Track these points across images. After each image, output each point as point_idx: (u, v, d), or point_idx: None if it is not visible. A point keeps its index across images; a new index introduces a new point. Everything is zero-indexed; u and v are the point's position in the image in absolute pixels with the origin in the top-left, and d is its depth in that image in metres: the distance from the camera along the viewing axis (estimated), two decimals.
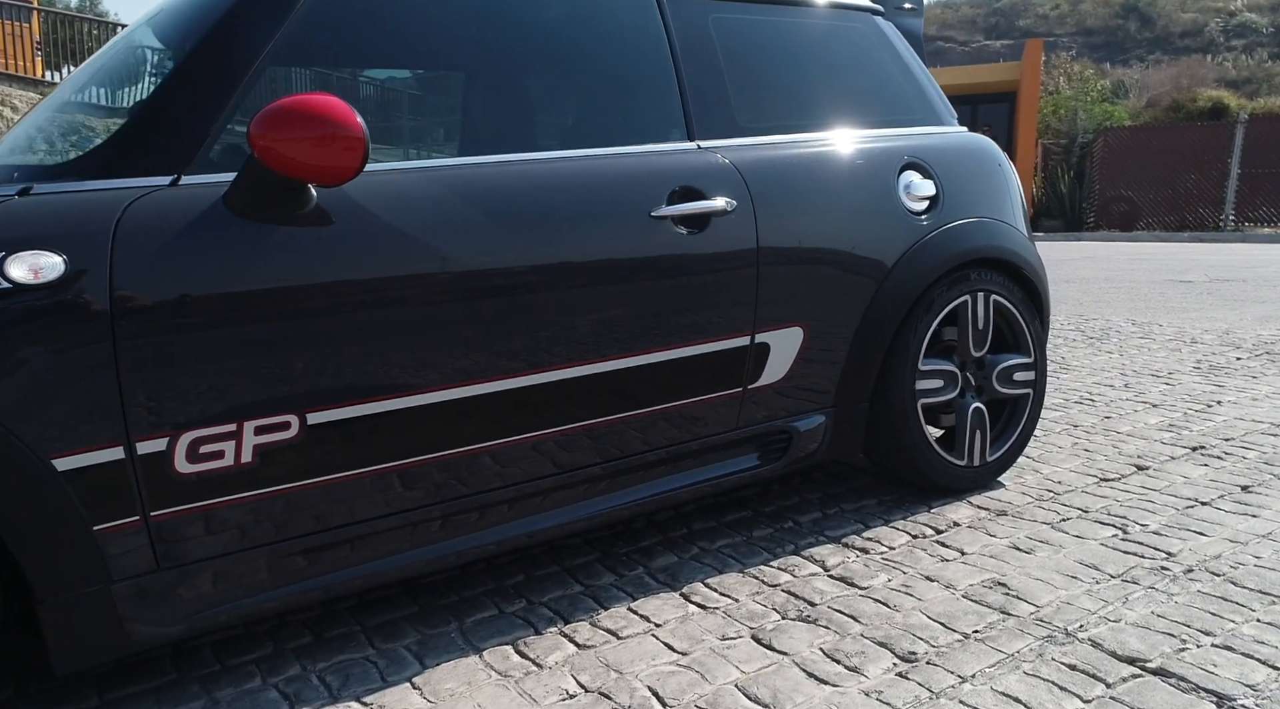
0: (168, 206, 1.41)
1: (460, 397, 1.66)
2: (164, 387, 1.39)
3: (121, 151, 1.45)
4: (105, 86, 1.81)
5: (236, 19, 1.56)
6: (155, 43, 1.79)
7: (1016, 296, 2.44)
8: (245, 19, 1.56)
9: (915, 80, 2.47)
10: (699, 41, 2.07)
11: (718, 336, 1.96)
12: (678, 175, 1.91)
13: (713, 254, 1.92)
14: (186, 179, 1.46)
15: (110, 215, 1.37)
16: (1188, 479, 2.48)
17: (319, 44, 1.65)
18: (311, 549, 1.58)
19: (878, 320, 2.19)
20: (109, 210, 1.37)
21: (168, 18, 1.78)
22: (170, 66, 1.59)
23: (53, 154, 1.63)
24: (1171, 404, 3.30)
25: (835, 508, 2.35)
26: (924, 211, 2.27)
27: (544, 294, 1.71)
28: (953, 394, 2.35)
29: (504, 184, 1.71)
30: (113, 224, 1.36)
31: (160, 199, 1.42)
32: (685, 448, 1.99)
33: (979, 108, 19.57)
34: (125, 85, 1.78)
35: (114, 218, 1.37)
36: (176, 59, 1.58)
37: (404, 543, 1.67)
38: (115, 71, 1.84)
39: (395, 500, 1.64)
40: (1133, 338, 4.71)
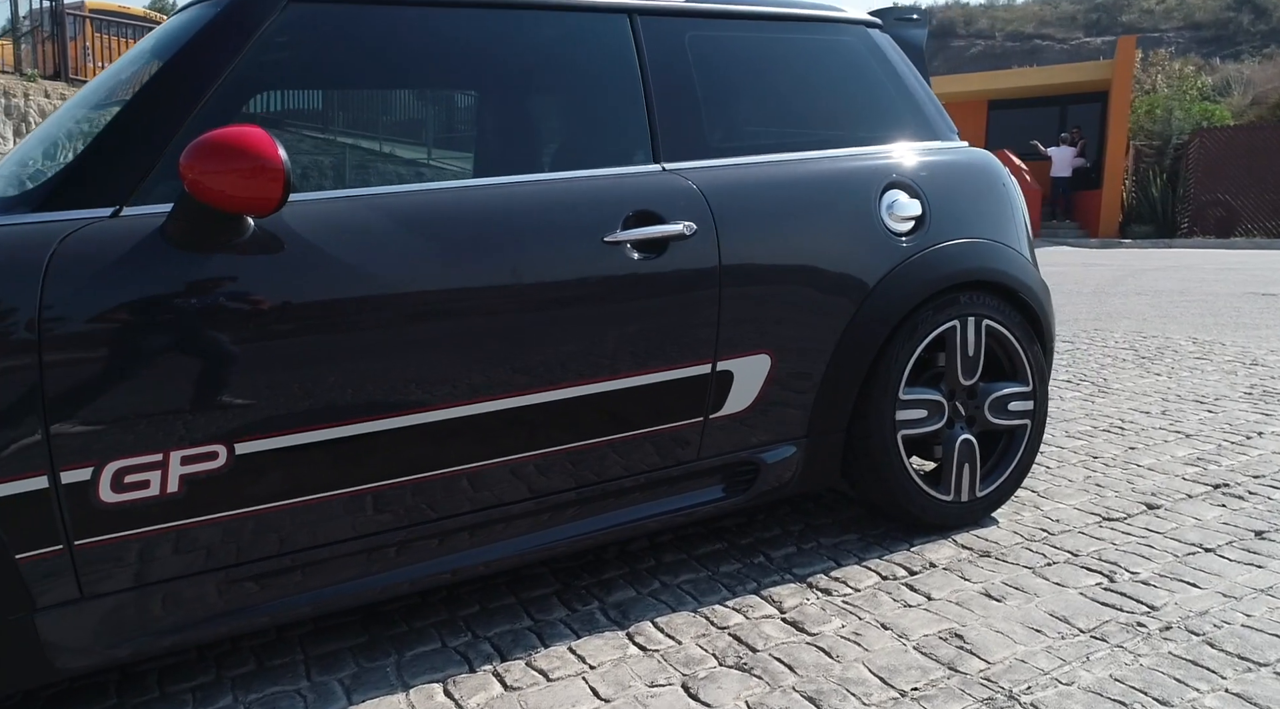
0: (105, 238, 1.45)
1: (400, 426, 1.66)
2: (89, 416, 1.42)
3: (65, 185, 1.50)
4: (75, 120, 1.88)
5: (186, 56, 1.60)
6: (125, 75, 1.86)
7: (1013, 322, 2.32)
8: (195, 56, 1.60)
9: (909, 95, 2.37)
10: (672, 62, 2.03)
11: (674, 364, 1.91)
12: (635, 199, 1.87)
13: (670, 279, 1.88)
14: (128, 211, 1.50)
15: (44, 248, 1.41)
16: (1199, 521, 2.32)
17: (272, 76, 1.69)
18: (248, 577, 1.60)
19: (854, 347, 2.11)
20: (43, 243, 1.41)
21: (135, 52, 1.85)
22: (123, 100, 1.64)
23: (10, 186, 1.70)
24: (1206, 435, 3.09)
25: (813, 542, 2.28)
26: (908, 232, 2.18)
27: (488, 321, 1.70)
28: (938, 425, 2.25)
29: (448, 210, 1.70)
30: (46, 256, 1.40)
31: (98, 231, 1.46)
32: (642, 479, 1.95)
33: (1068, 109, 18.87)
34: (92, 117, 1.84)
35: (48, 251, 1.41)
36: (129, 93, 1.63)
37: (356, 569, 1.68)
38: (90, 102, 1.91)
39: (335, 528, 1.65)
40: (1188, 358, 4.45)
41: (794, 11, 2.24)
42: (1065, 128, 18.19)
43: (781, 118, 2.19)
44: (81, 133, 1.78)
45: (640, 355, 1.86)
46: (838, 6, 2.34)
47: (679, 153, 1.99)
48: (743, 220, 1.97)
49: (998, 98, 19.48)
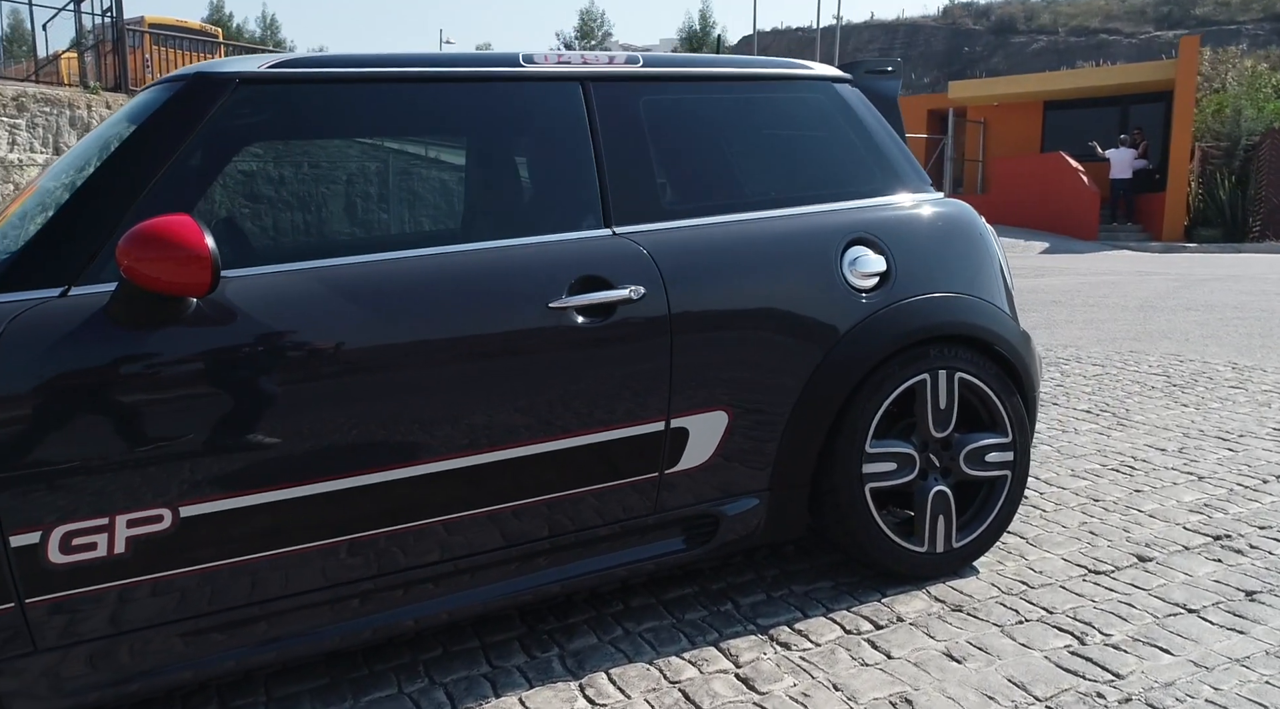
0: (52, 317, 1.52)
1: (351, 486, 1.70)
2: (37, 484, 1.49)
3: (17, 267, 1.57)
4: (42, 195, 1.96)
5: (135, 140, 1.68)
6: (90, 151, 1.93)
7: (989, 374, 2.27)
8: (144, 140, 1.67)
9: (877, 149, 2.34)
10: (626, 127, 2.04)
11: (626, 423, 1.92)
12: (582, 264, 1.89)
13: (618, 342, 1.89)
14: (76, 291, 1.57)
15: None
16: (1189, 578, 2.24)
17: (225, 155, 1.74)
18: (211, 627, 1.65)
19: (815, 402, 2.09)
20: None
21: (105, 126, 1.92)
22: (75, 182, 1.72)
23: None
24: (1220, 478, 2.98)
25: (784, 589, 2.26)
26: (872, 289, 2.15)
27: (432, 386, 1.74)
28: (909, 477, 2.22)
29: (392, 282, 1.74)
30: None
31: (46, 310, 1.53)
32: (596, 533, 1.96)
33: (1130, 109, 18.30)
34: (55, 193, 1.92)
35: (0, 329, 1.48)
36: (84, 174, 1.71)
37: (320, 619, 1.73)
38: (60, 175, 1.99)
39: (296, 580, 1.70)
40: (1222, 387, 4.29)
41: (754, 71, 2.23)
42: (1126, 129, 17.63)
43: (741, 177, 2.18)
44: (41, 210, 1.86)
45: (591, 415, 1.88)
46: (803, 63, 2.33)
47: (631, 217, 2.00)
48: (694, 282, 1.97)
49: (1054, 99, 18.96)
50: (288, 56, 1.82)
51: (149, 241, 1.45)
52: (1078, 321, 6.40)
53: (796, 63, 2.34)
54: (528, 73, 1.99)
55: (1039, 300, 7.73)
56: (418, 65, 1.90)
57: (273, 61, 1.80)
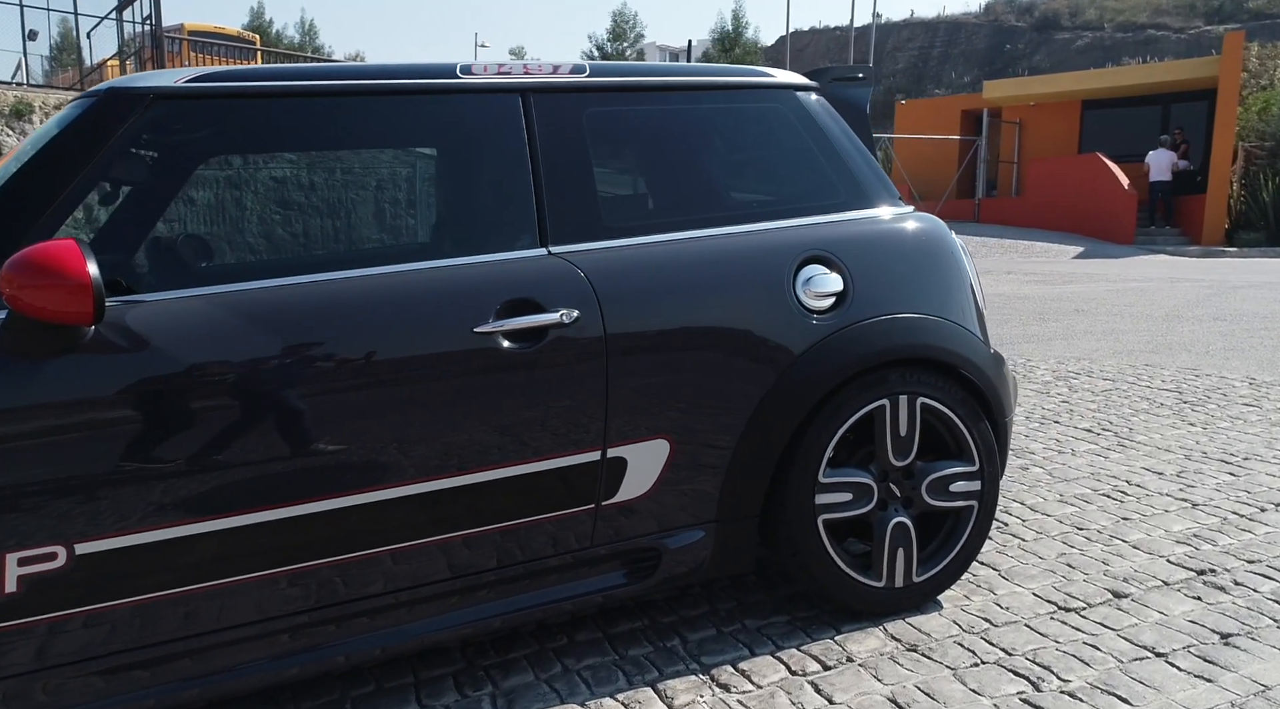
0: None
1: (261, 521, 1.66)
2: None
3: None
4: None
5: (44, 157, 1.64)
6: None
7: (954, 399, 2.17)
8: (52, 157, 1.64)
9: (840, 161, 2.24)
10: (567, 140, 1.98)
11: (559, 453, 1.86)
12: (512, 287, 1.83)
13: (549, 369, 1.83)
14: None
15: None
16: (1163, 617, 2.13)
17: (136, 172, 1.71)
18: (131, 665, 1.61)
19: (765, 430, 2.01)
20: None
21: (29, 141, 1.90)
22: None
23: None
24: (1216, 505, 2.84)
25: (737, 625, 2.18)
26: (828, 309, 2.06)
27: (346, 416, 1.69)
28: (865, 508, 2.13)
29: (308, 307, 1.70)
30: None
31: None
32: (530, 567, 1.90)
33: (1171, 108, 17.85)
34: None
35: None
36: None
37: (247, 655, 1.69)
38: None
39: (216, 616, 1.66)
40: (1236, 404, 4.11)
41: (709, 81, 2.15)
42: (1168, 129, 17.18)
43: (691, 193, 2.11)
44: None
45: (520, 445, 1.82)
46: (764, 71, 2.24)
47: (570, 235, 1.93)
48: (632, 304, 1.90)
49: (1093, 98, 18.54)
50: (209, 70, 1.77)
51: (28, 269, 1.41)
52: (1097, 332, 6.21)
53: (756, 71, 2.26)
54: (463, 84, 1.93)
55: (1062, 309, 7.53)
56: (345, 78, 1.85)
57: (191, 75, 1.75)
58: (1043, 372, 4.90)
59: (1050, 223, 17.18)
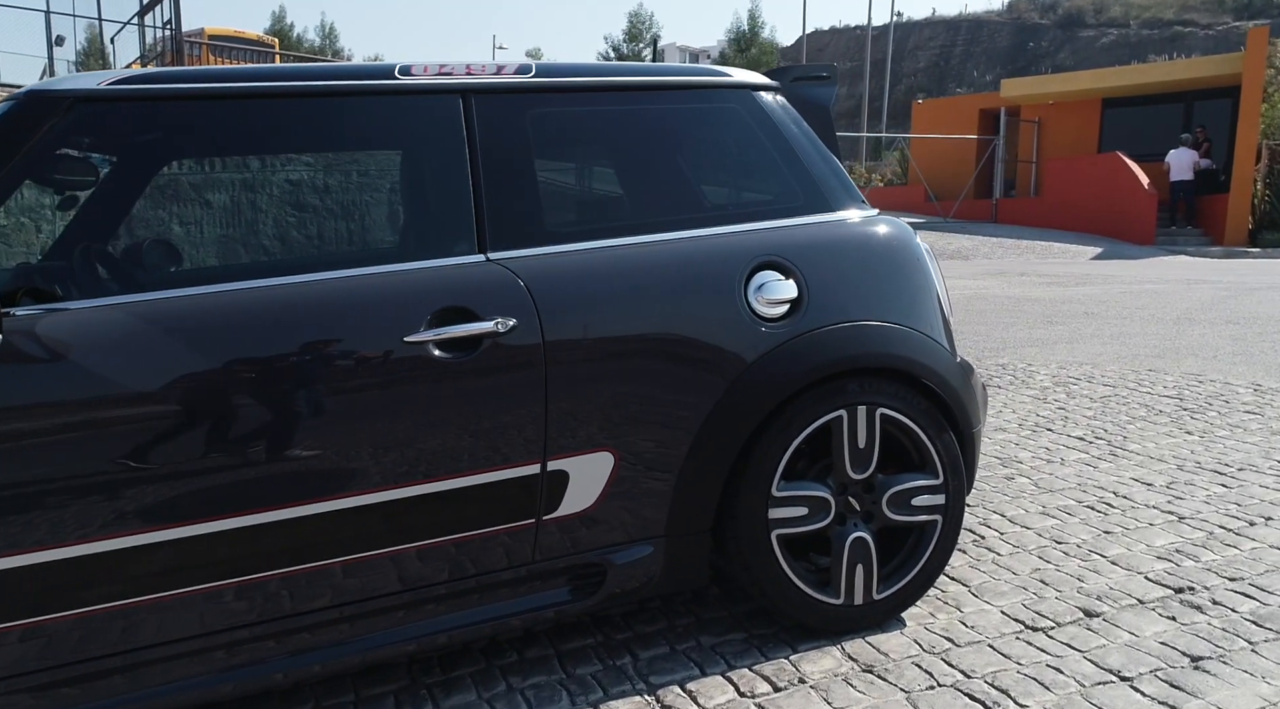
0: None
1: (183, 536, 1.62)
2: None
3: None
4: None
5: None
6: None
7: (917, 410, 2.10)
8: None
9: (799, 164, 2.17)
10: (510, 143, 1.92)
11: (496, 466, 1.81)
12: (446, 295, 1.78)
13: (484, 380, 1.78)
14: None
15: None
16: (1134, 638, 2.04)
17: (55, 176, 1.67)
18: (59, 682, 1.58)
19: (714, 442, 1.95)
20: None
21: None
22: None
23: None
24: (1203, 519, 2.74)
25: (691, 641, 2.12)
26: (781, 317, 2.00)
27: (272, 429, 1.64)
28: (822, 523, 2.06)
29: (228, 316, 1.65)
30: None
31: None
32: (469, 584, 1.85)
33: (1194, 106, 17.55)
34: None
35: None
36: None
37: (183, 672, 1.65)
38: None
39: (151, 631, 1.62)
40: (1237, 412, 3.99)
41: (661, 80, 2.08)
42: (1190, 127, 16.89)
43: (641, 197, 2.04)
44: None
45: (455, 458, 1.77)
46: (720, 70, 2.17)
47: (510, 241, 1.87)
48: (573, 313, 1.84)
49: (1113, 96, 18.26)
50: (132, 72, 1.73)
51: None
52: (1104, 336, 6.08)
53: (711, 70, 2.19)
54: (402, 85, 1.88)
55: (1071, 312, 7.39)
56: (276, 79, 1.80)
57: (114, 78, 1.70)
58: (1042, 377, 4.80)
59: (1069, 223, 16.94)
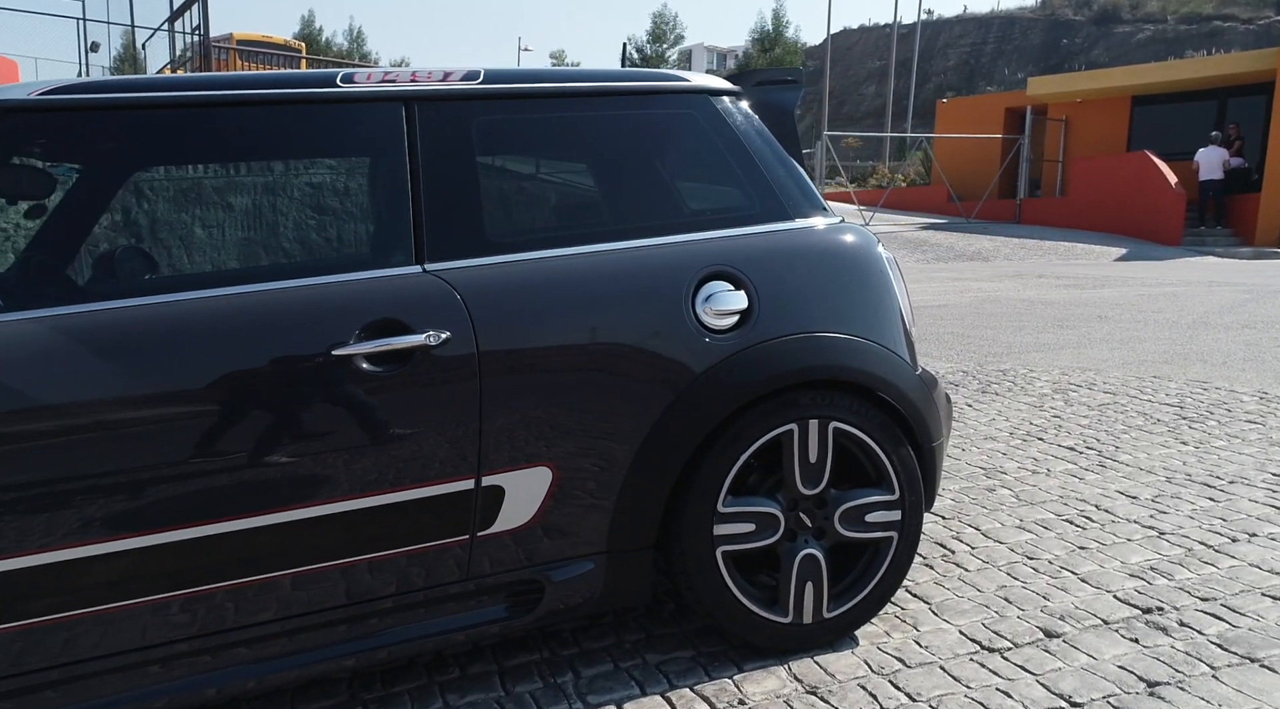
0: None
1: (106, 552, 1.61)
2: None
3: None
4: None
5: None
6: None
7: (872, 423, 2.05)
8: None
9: (756, 170, 2.12)
10: (452, 151, 1.89)
11: (429, 482, 1.78)
12: (378, 307, 1.75)
13: (416, 394, 1.75)
14: None
15: None
16: (1092, 661, 1.98)
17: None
18: None
19: (658, 457, 1.91)
20: None
21: None
22: None
23: None
24: (1184, 534, 2.65)
25: (637, 659, 2.08)
26: (730, 328, 1.95)
27: (202, 444, 1.63)
28: (771, 539, 2.01)
29: (155, 329, 1.63)
30: None
31: None
32: (402, 600, 1.83)
33: (1228, 103, 17.17)
34: None
35: None
36: None
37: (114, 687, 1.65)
38: None
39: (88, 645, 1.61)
40: (1238, 421, 3.87)
41: (612, 86, 2.04)
42: (1223, 125, 16.53)
43: (589, 206, 2.01)
44: None
45: (386, 473, 1.74)
46: (676, 74, 2.12)
47: (450, 252, 1.85)
48: (511, 325, 1.81)
49: (1143, 93, 17.93)
50: (65, 82, 1.72)
51: None
52: (1113, 340, 5.95)
53: (667, 74, 2.15)
54: (342, 93, 1.85)
55: (1084, 315, 7.24)
56: (214, 88, 1.79)
57: (45, 88, 1.69)
58: (1042, 383, 4.70)
59: (1095, 224, 16.66)
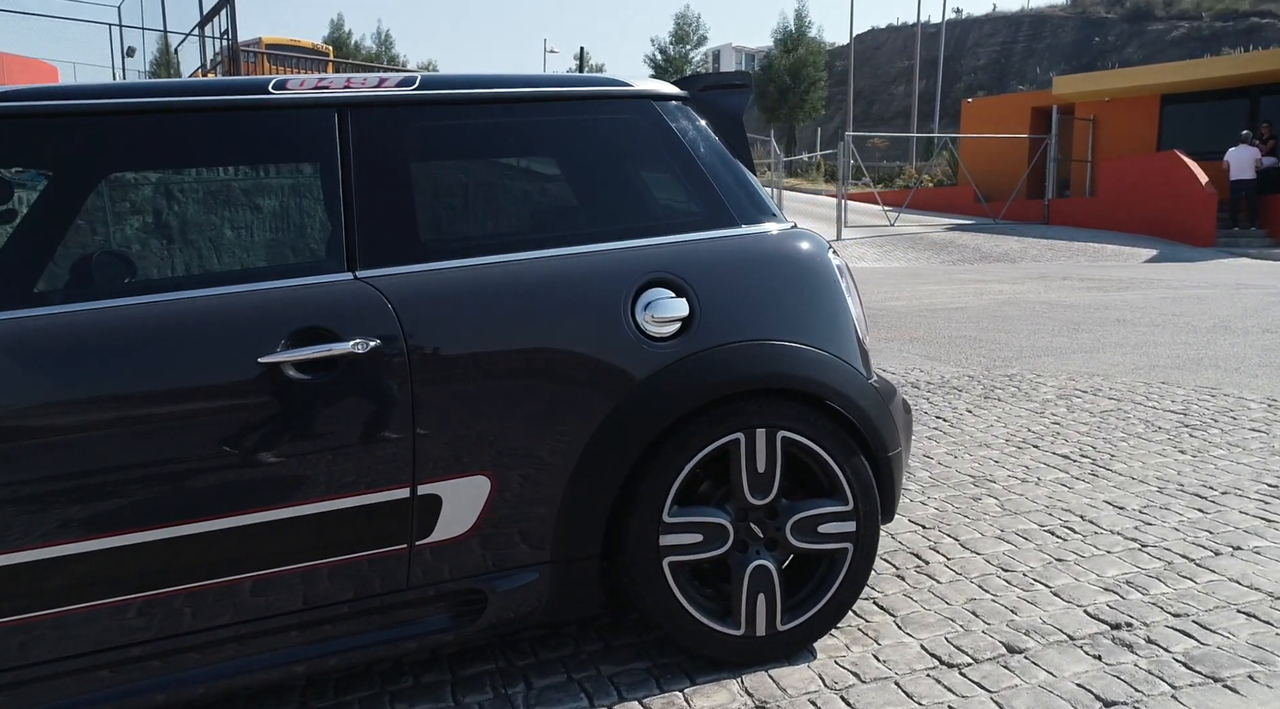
0: None
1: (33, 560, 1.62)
2: None
3: None
4: None
5: None
6: None
7: (822, 433, 2.01)
8: None
9: (701, 176, 2.09)
10: (386, 158, 1.89)
11: (363, 491, 1.78)
12: (305, 314, 1.75)
13: (344, 402, 1.75)
14: None
15: None
16: (1050, 679, 1.92)
17: None
18: None
19: (599, 465, 1.89)
20: None
21: None
22: None
23: None
24: (1166, 547, 2.58)
25: (591, 670, 2.06)
26: (672, 336, 1.93)
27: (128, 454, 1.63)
28: (719, 550, 1.98)
29: (78, 338, 1.63)
30: None
31: None
32: (339, 610, 1.82)
33: (1260, 101, 16.80)
34: None
35: None
36: None
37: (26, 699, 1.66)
38: None
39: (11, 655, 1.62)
40: (1241, 430, 3.76)
41: (552, 91, 2.03)
42: (1255, 124, 16.16)
43: (528, 211, 1.99)
44: None
45: (317, 482, 1.74)
46: (619, 80, 2.10)
47: (383, 259, 1.84)
48: (444, 332, 1.80)
49: (1173, 92, 17.59)
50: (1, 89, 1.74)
51: None
52: (1128, 345, 5.82)
53: (609, 79, 2.13)
54: (273, 101, 1.86)
55: (1103, 318, 7.10)
56: (147, 95, 1.79)
57: None
58: (1047, 389, 4.60)
59: (1125, 224, 16.37)
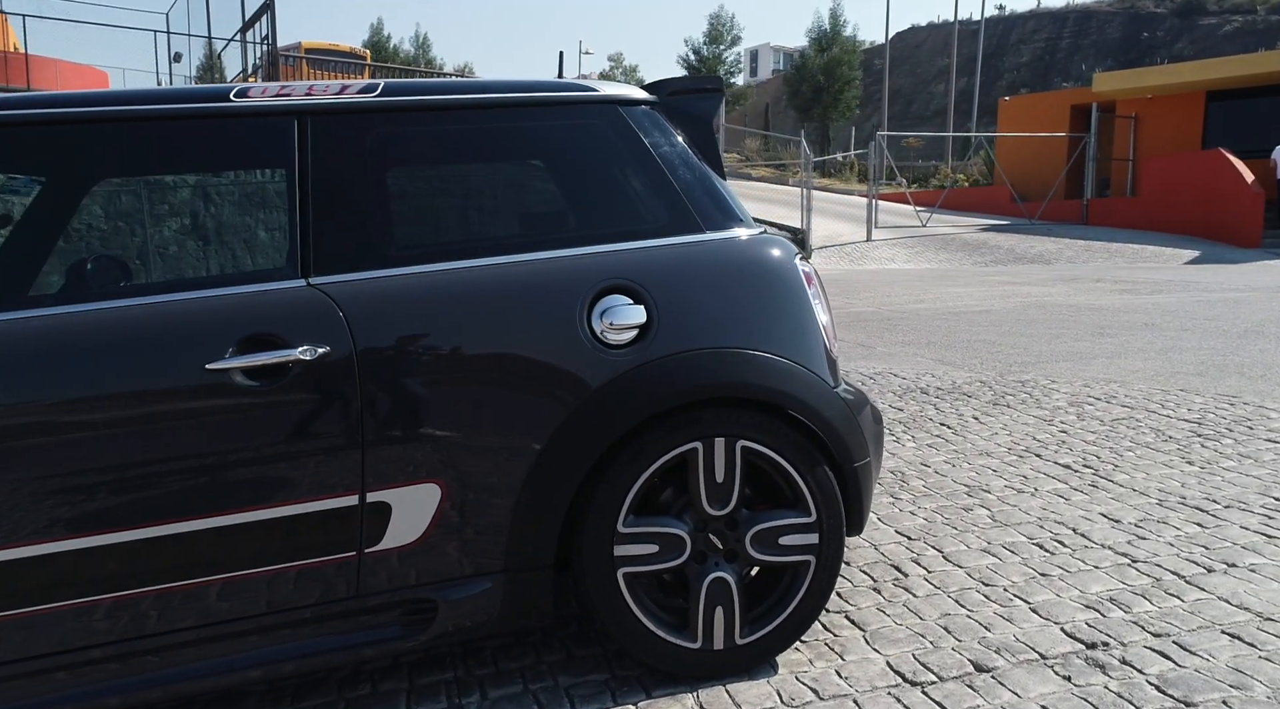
0: None
1: None
2: None
3: None
4: None
5: None
6: None
7: (784, 443, 1.97)
8: None
9: (665, 181, 2.06)
10: (344, 165, 1.88)
11: (310, 497, 1.77)
12: (254, 321, 1.75)
13: (291, 409, 1.75)
14: None
15: None
16: (1014, 699, 1.86)
17: None
18: None
19: (552, 474, 1.87)
20: None
21: None
22: None
23: None
24: (1156, 562, 2.49)
25: (549, 681, 2.04)
26: (629, 343, 1.90)
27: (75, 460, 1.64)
28: (676, 561, 1.95)
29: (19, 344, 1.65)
30: None
31: None
32: (288, 617, 1.81)
33: None
34: None
35: None
36: None
37: None
38: None
39: None
40: (1257, 441, 3.63)
41: (515, 97, 2.01)
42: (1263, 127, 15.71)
43: (486, 217, 1.97)
44: None
45: (262, 488, 1.74)
46: (585, 85, 2.08)
47: (337, 266, 1.83)
48: (394, 339, 1.79)
49: (1218, 88, 17.12)
50: None
51: None
52: (1151, 350, 5.66)
53: (575, 85, 2.10)
54: (233, 108, 1.86)
55: (1130, 323, 6.92)
56: (105, 104, 1.81)
57: None
58: (1059, 396, 4.49)
59: (1167, 225, 15.98)
